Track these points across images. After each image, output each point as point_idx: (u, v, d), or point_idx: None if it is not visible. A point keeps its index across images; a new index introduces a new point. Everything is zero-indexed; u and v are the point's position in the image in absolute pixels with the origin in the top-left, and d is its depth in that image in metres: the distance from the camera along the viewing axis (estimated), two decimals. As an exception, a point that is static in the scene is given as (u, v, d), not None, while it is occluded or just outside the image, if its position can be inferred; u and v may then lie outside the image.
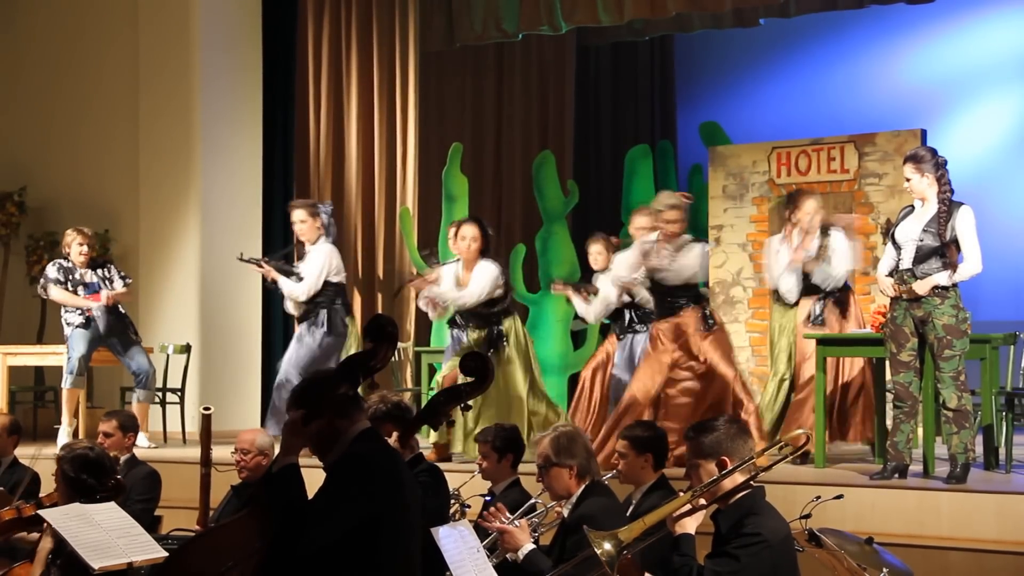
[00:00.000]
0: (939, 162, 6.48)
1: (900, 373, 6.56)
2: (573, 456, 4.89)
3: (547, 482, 4.93)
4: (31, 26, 11.34)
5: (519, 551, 4.74)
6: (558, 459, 4.88)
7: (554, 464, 4.88)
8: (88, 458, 4.81)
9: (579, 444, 4.95)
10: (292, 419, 3.62)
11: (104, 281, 8.99)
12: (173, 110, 10.59)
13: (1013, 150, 11.37)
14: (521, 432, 5.89)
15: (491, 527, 4.81)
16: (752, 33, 11.92)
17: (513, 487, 5.54)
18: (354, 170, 10.73)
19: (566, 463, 4.87)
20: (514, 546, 4.74)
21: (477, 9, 10.80)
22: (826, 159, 10.32)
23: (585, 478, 4.91)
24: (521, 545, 4.74)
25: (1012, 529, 6.00)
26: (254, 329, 10.64)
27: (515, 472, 5.60)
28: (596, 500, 4.85)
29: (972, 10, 11.59)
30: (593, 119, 13.12)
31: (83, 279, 8.94)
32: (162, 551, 4.55)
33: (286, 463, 3.60)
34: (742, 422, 4.10)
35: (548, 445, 4.92)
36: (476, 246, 7.71)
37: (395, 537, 3.58)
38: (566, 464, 4.87)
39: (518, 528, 4.80)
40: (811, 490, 5.14)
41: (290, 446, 3.64)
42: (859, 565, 4.18)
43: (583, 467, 4.90)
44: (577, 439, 4.97)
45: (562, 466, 4.87)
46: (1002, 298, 10.70)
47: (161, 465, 8.09)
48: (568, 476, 4.87)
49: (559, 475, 4.88)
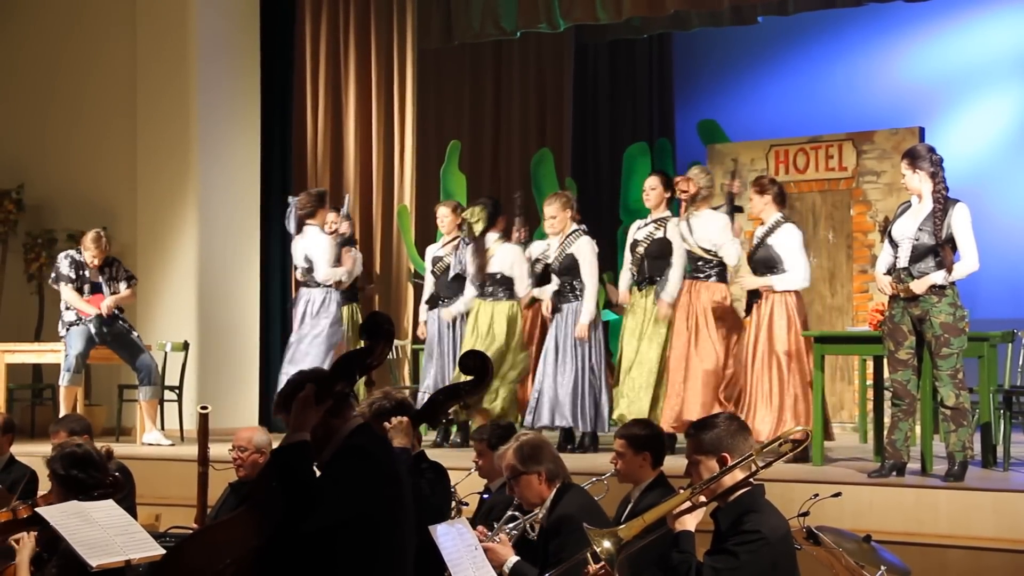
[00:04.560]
0: (935, 159, 6.49)
1: (898, 371, 6.55)
2: (539, 462, 4.90)
3: (519, 492, 4.93)
4: (29, 23, 11.32)
5: (503, 565, 4.73)
6: (525, 467, 4.88)
7: (522, 473, 4.89)
8: (76, 455, 4.80)
9: (544, 450, 4.96)
10: (304, 395, 3.57)
11: (110, 282, 9.00)
12: (171, 107, 10.58)
13: (1011, 148, 11.38)
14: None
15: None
16: (750, 31, 11.92)
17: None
18: (352, 168, 10.72)
19: (533, 470, 4.88)
20: (497, 562, 4.72)
21: (475, 7, 10.80)
22: (824, 157, 10.34)
23: (555, 482, 4.91)
24: (505, 560, 4.74)
25: (1010, 527, 6.00)
26: (252, 327, 10.63)
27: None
28: (571, 499, 4.87)
29: (970, 8, 11.59)
30: (591, 117, 13.12)
31: (91, 278, 8.97)
32: (160, 549, 4.54)
33: (298, 439, 3.53)
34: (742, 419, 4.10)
35: (512, 455, 4.93)
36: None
37: (391, 530, 3.57)
38: (533, 471, 4.88)
39: (499, 543, 4.80)
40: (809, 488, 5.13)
41: (302, 422, 3.55)
42: (857, 563, 4.17)
43: (552, 471, 4.91)
44: (542, 445, 4.99)
45: (530, 473, 4.88)
46: (1000, 296, 10.70)
47: (159, 463, 8.15)
48: (538, 482, 4.88)
49: (529, 483, 4.89)
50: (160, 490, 7.48)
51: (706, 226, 7.82)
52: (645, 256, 8.15)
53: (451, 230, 8.90)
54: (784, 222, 7.53)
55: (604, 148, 12.97)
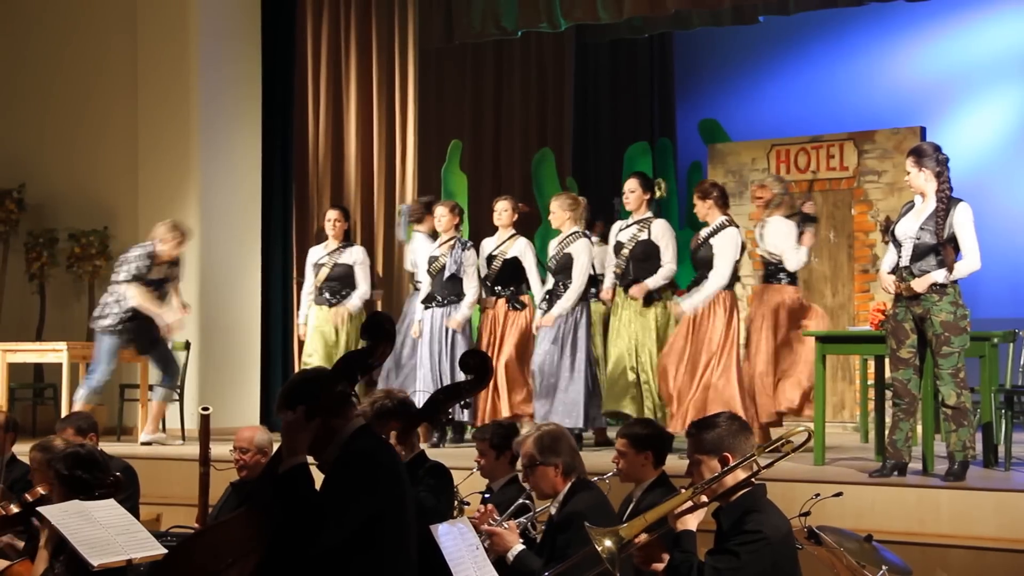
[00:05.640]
0: (940, 158, 6.49)
1: (899, 370, 6.56)
2: (558, 454, 4.90)
3: (533, 482, 4.94)
4: (30, 23, 11.32)
5: (509, 552, 4.74)
6: (543, 458, 4.88)
7: (539, 463, 4.88)
8: (80, 455, 4.81)
9: (563, 442, 4.96)
10: (294, 417, 3.58)
11: (165, 283, 8.90)
12: (172, 107, 10.57)
13: (1012, 147, 11.38)
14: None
15: (480, 529, 4.80)
16: (751, 30, 11.92)
17: (511, 484, 5.53)
18: (353, 167, 10.71)
19: (551, 461, 4.88)
20: (503, 548, 4.74)
21: (476, 6, 10.79)
22: (825, 156, 10.34)
23: (571, 476, 4.91)
24: (511, 546, 4.75)
25: (1011, 527, 5.99)
26: (253, 327, 10.63)
27: (513, 469, 5.59)
28: (584, 496, 4.86)
29: (971, 7, 11.59)
30: (592, 116, 13.12)
31: (153, 276, 8.85)
32: (162, 548, 4.55)
33: (295, 463, 3.55)
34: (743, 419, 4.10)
35: (532, 444, 4.92)
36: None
37: (397, 533, 3.57)
38: (551, 463, 4.88)
39: (507, 529, 4.80)
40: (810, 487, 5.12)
41: (295, 445, 3.57)
42: (858, 563, 4.17)
43: (568, 465, 4.91)
44: (561, 437, 4.98)
45: (547, 465, 4.88)
46: (1002, 296, 10.70)
47: (160, 462, 8.15)
48: (554, 474, 4.88)
49: (544, 474, 4.89)
50: (161, 490, 7.48)
51: (775, 232, 8.05)
52: (630, 258, 8.21)
53: (448, 230, 8.91)
54: (728, 225, 7.87)
55: (605, 148, 12.97)
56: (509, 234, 8.71)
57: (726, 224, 7.90)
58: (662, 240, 8.17)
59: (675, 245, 8.22)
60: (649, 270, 8.17)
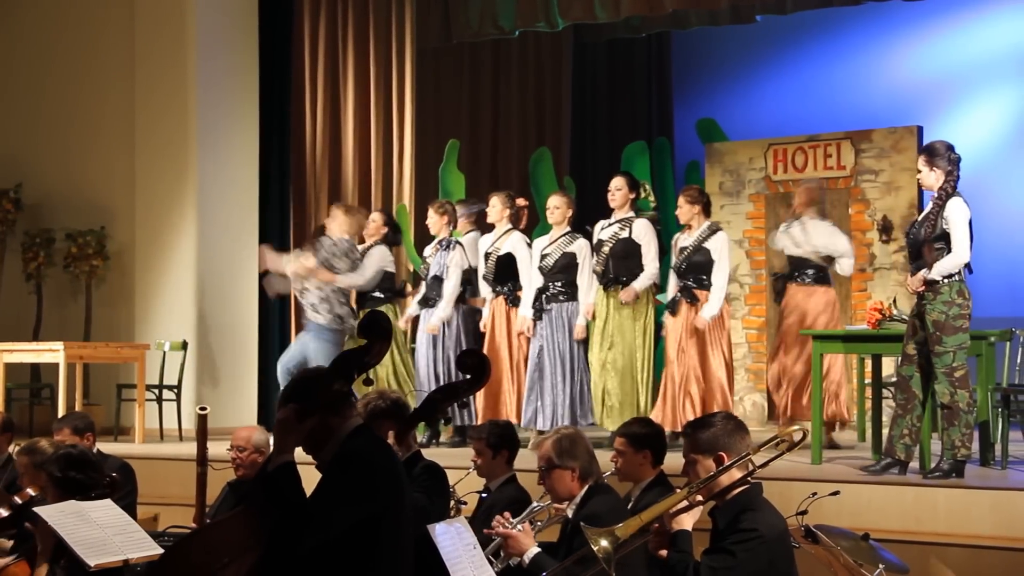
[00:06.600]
0: (952, 158, 6.53)
1: (904, 365, 6.69)
2: (575, 458, 4.88)
3: (549, 484, 4.92)
4: (26, 21, 11.31)
5: (525, 555, 4.72)
6: (560, 461, 4.87)
7: (556, 466, 4.87)
8: (72, 456, 4.80)
9: (581, 446, 4.94)
10: (285, 416, 3.58)
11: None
12: (169, 106, 10.57)
13: (1009, 146, 11.38)
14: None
15: (496, 533, 4.79)
16: (749, 30, 11.93)
17: (509, 483, 5.53)
18: (351, 167, 10.72)
19: (568, 465, 4.87)
20: (519, 550, 4.71)
21: (473, 6, 10.80)
22: (822, 156, 10.33)
23: (587, 480, 4.90)
24: (526, 549, 4.72)
25: (1008, 525, 6.00)
26: (251, 326, 10.62)
27: (510, 468, 5.59)
28: (602, 499, 4.85)
29: (968, 7, 11.60)
30: (590, 116, 13.12)
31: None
32: (158, 548, 4.54)
33: (282, 462, 3.57)
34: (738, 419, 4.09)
35: (551, 447, 4.91)
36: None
37: (394, 534, 3.57)
38: (568, 466, 4.86)
39: (522, 532, 4.79)
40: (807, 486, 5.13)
41: (284, 444, 3.59)
42: (855, 561, 4.18)
43: (585, 469, 4.89)
44: (579, 441, 4.96)
45: (564, 468, 4.86)
46: (998, 295, 10.69)
47: (157, 462, 8.15)
48: (570, 478, 4.87)
49: (561, 477, 4.87)
50: (158, 490, 7.48)
51: (827, 233, 8.37)
52: (610, 256, 8.17)
53: (438, 231, 8.87)
54: (719, 229, 8.13)
55: (603, 147, 12.97)
56: (504, 230, 8.67)
57: (717, 228, 8.08)
58: (644, 239, 8.15)
59: (656, 245, 8.20)
60: (629, 268, 8.13)
